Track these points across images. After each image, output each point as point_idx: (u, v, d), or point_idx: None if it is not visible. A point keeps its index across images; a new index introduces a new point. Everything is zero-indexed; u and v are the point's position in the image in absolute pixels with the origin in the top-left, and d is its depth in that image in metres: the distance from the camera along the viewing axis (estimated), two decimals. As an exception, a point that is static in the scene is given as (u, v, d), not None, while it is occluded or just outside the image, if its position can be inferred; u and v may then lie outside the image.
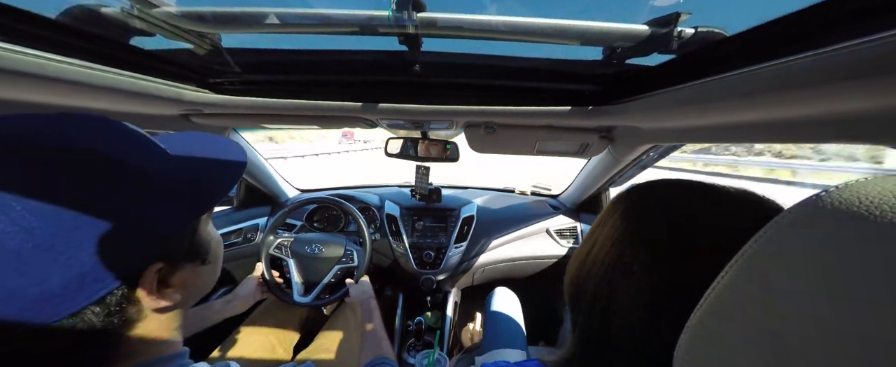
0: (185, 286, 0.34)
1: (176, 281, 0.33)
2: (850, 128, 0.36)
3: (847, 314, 0.14)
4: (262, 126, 0.93)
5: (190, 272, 0.35)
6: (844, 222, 0.15)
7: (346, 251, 1.15)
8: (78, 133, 0.27)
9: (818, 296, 0.15)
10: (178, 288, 0.33)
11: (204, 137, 0.39)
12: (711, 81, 0.41)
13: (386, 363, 0.70)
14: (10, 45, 0.38)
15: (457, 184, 1.89)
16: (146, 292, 0.30)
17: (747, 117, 0.45)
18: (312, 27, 0.50)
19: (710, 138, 0.62)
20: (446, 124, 0.89)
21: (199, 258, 0.36)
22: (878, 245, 0.14)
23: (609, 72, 0.60)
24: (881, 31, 0.24)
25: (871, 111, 0.32)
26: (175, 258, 0.32)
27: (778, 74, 0.33)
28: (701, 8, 0.42)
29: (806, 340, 0.15)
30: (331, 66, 0.66)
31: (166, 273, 0.32)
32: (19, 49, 0.39)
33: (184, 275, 0.34)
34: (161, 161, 0.32)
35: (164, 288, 0.32)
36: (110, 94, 0.52)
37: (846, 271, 0.14)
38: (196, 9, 0.46)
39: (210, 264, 0.39)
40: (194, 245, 0.35)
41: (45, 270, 0.23)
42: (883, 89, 0.27)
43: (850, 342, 0.14)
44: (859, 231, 0.14)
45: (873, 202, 0.14)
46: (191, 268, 0.35)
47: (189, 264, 0.35)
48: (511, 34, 0.49)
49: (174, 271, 0.33)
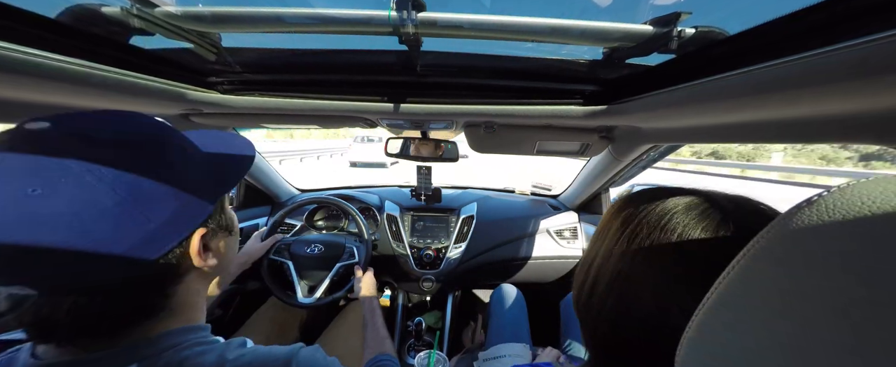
0: (220, 253, 0.40)
1: (213, 246, 0.39)
2: (850, 128, 0.36)
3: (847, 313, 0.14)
4: (262, 126, 0.93)
5: (223, 240, 0.41)
6: (846, 222, 0.15)
7: (346, 250, 1.15)
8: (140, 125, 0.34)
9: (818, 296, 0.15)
10: (215, 253, 0.39)
11: (216, 133, 0.45)
12: (711, 81, 0.41)
13: (389, 360, 0.70)
14: (11, 44, 0.38)
15: (458, 184, 1.89)
16: (195, 252, 0.36)
17: (747, 117, 0.45)
18: (312, 27, 0.50)
19: (711, 138, 0.62)
20: (446, 124, 0.89)
21: (228, 229, 0.42)
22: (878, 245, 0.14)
23: (609, 72, 0.60)
24: (881, 30, 0.24)
25: (872, 111, 0.32)
26: (212, 227, 0.38)
27: (778, 73, 0.33)
28: (701, 8, 0.41)
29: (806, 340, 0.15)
30: (331, 65, 0.66)
31: (208, 239, 0.37)
32: (21, 49, 0.39)
33: (218, 242, 0.40)
34: (195, 146, 0.38)
35: (205, 252, 0.37)
36: (111, 93, 0.52)
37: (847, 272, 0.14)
38: (196, 8, 0.46)
39: (234, 235, 0.45)
40: (224, 217, 0.42)
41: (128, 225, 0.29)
42: (883, 89, 0.27)
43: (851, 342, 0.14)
44: (861, 231, 0.14)
45: (875, 203, 0.14)
46: (223, 237, 0.41)
47: (222, 233, 0.41)
48: (511, 34, 0.50)
49: (212, 238, 0.38)
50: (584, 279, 0.36)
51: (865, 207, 0.15)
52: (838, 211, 0.15)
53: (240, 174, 0.43)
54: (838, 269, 0.14)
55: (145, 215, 0.30)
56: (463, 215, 1.40)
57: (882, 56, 0.25)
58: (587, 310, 0.35)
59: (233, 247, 0.45)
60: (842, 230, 0.15)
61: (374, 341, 0.80)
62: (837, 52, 0.27)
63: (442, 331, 1.39)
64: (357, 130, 1.94)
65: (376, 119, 0.84)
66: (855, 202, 0.15)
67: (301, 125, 0.91)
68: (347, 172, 10.86)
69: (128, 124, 0.33)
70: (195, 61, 0.60)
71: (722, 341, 0.19)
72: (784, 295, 0.16)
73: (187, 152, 0.36)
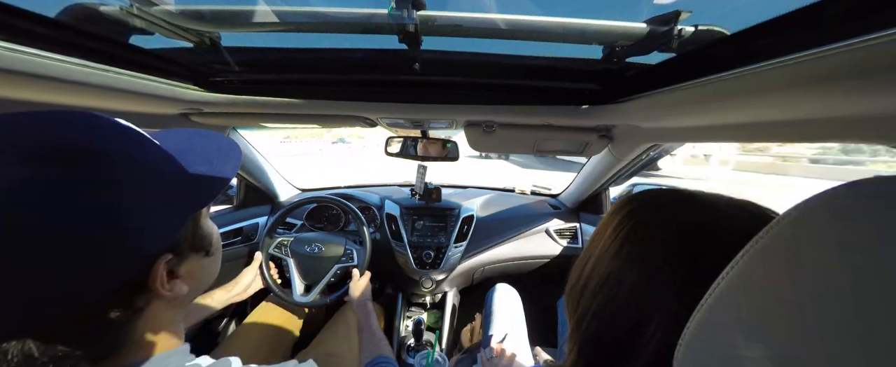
0: (192, 278, 0.36)
1: (183, 272, 0.34)
2: (851, 128, 0.36)
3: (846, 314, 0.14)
4: (262, 125, 0.93)
5: (196, 264, 0.36)
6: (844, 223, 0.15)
7: (345, 250, 1.15)
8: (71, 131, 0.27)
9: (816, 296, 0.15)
10: (186, 279, 0.34)
11: (198, 134, 0.39)
12: (712, 80, 0.41)
13: (387, 362, 0.70)
14: (9, 43, 0.38)
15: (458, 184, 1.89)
16: (157, 283, 0.31)
17: (747, 117, 0.45)
18: (312, 25, 0.50)
19: (711, 138, 0.62)
20: (446, 123, 0.89)
21: (202, 250, 0.37)
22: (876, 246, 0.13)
23: (609, 70, 0.60)
24: (882, 30, 0.24)
25: (872, 111, 0.31)
26: (181, 250, 0.34)
27: (778, 73, 0.33)
28: (701, 6, 0.41)
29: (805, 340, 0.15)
30: (330, 64, 0.66)
31: (174, 264, 0.33)
32: (18, 48, 0.39)
33: (190, 266, 0.35)
34: (156, 155, 0.32)
35: (172, 279, 0.33)
36: (110, 93, 0.52)
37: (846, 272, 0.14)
38: (195, 7, 0.46)
39: (213, 255, 0.40)
40: (198, 237, 0.36)
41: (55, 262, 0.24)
42: (884, 89, 0.27)
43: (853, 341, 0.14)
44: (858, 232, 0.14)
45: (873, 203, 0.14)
46: (196, 259, 0.36)
47: (194, 256, 0.36)
48: (511, 33, 0.49)
49: (181, 263, 0.34)
50: (577, 278, 0.36)
51: (863, 207, 0.14)
52: (836, 212, 0.15)
53: (222, 184, 0.37)
54: (837, 269, 0.14)
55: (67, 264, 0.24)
56: (463, 215, 1.40)
57: (882, 56, 0.25)
58: (576, 308, 0.35)
59: (210, 268, 0.40)
60: (840, 231, 0.15)
61: (370, 343, 0.80)
62: (838, 51, 0.27)
63: (441, 331, 1.39)
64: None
65: (376, 118, 0.84)
66: (853, 203, 0.15)
67: (301, 124, 0.91)
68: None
69: (56, 130, 0.26)
70: (195, 61, 0.60)
71: (720, 341, 0.19)
72: (782, 296, 0.16)
73: (144, 169, 0.29)
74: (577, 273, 0.37)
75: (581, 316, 0.34)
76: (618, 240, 0.32)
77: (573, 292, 0.36)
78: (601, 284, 0.32)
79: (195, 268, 0.36)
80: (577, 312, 0.34)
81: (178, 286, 0.33)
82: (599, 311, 0.32)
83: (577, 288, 0.35)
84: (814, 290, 0.15)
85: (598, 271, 0.33)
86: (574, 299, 0.36)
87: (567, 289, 0.38)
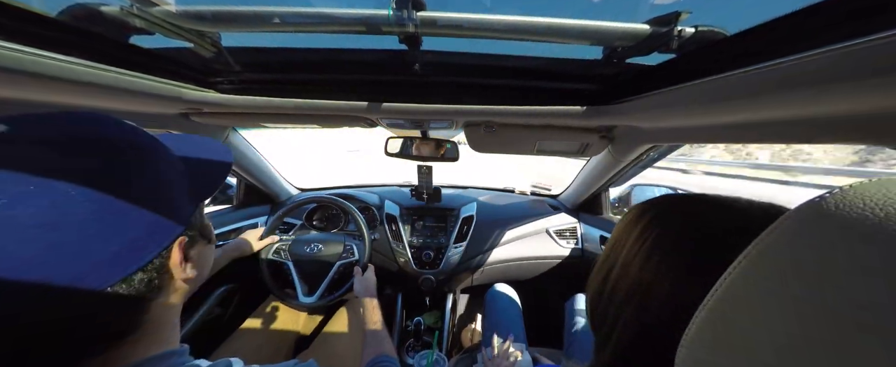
0: (199, 262, 0.39)
1: (193, 255, 0.37)
2: (851, 128, 0.36)
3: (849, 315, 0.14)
4: (262, 125, 0.93)
5: (202, 249, 0.40)
6: (848, 224, 0.15)
7: (345, 248, 1.15)
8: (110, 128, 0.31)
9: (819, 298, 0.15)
10: (194, 262, 0.38)
11: (192, 137, 0.44)
12: (712, 81, 0.41)
13: (388, 361, 0.70)
14: (10, 43, 0.38)
15: (457, 184, 1.89)
16: (176, 262, 0.34)
17: (748, 117, 0.45)
18: (312, 26, 0.50)
19: (711, 138, 0.62)
20: (446, 124, 0.89)
21: (206, 238, 0.41)
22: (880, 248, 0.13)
23: (609, 71, 0.60)
24: (882, 30, 0.24)
25: (872, 111, 0.31)
26: (192, 234, 0.37)
27: (778, 73, 0.33)
28: (701, 7, 0.41)
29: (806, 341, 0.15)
30: (331, 65, 0.66)
31: (187, 247, 0.36)
32: (20, 48, 0.39)
33: (197, 250, 0.39)
34: (169, 149, 0.37)
35: (184, 262, 0.36)
36: (110, 92, 0.52)
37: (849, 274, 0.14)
38: (196, 7, 0.46)
39: (212, 243, 0.44)
40: (203, 225, 0.40)
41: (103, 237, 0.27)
42: (884, 89, 0.27)
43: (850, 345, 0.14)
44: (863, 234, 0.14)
45: (877, 204, 0.14)
46: (202, 245, 0.40)
47: (201, 241, 0.39)
48: (511, 33, 0.49)
49: (192, 247, 0.37)
50: (601, 289, 0.35)
51: (868, 208, 0.14)
52: (841, 212, 0.15)
53: (219, 180, 0.42)
54: (840, 271, 0.14)
55: (124, 226, 0.29)
56: (463, 215, 1.40)
57: (883, 56, 0.25)
58: (603, 318, 0.34)
59: (208, 257, 0.44)
60: (844, 232, 0.15)
61: (373, 340, 0.80)
62: (838, 51, 0.27)
63: (441, 331, 1.39)
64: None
65: (376, 118, 0.84)
66: (857, 204, 0.15)
67: (301, 125, 0.91)
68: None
69: (97, 129, 0.30)
70: (195, 61, 0.60)
71: (722, 341, 0.19)
72: (785, 296, 0.16)
73: (166, 158, 0.35)
74: (598, 284, 0.36)
75: (610, 327, 0.33)
76: (646, 248, 0.31)
77: (598, 302, 0.35)
78: (630, 293, 0.31)
79: (201, 253, 0.40)
80: (606, 322, 0.33)
81: (190, 269, 0.36)
82: (632, 321, 0.31)
83: (602, 298, 0.34)
84: (814, 291, 0.15)
85: (626, 281, 0.32)
86: (600, 309, 0.35)
87: (589, 299, 0.37)
